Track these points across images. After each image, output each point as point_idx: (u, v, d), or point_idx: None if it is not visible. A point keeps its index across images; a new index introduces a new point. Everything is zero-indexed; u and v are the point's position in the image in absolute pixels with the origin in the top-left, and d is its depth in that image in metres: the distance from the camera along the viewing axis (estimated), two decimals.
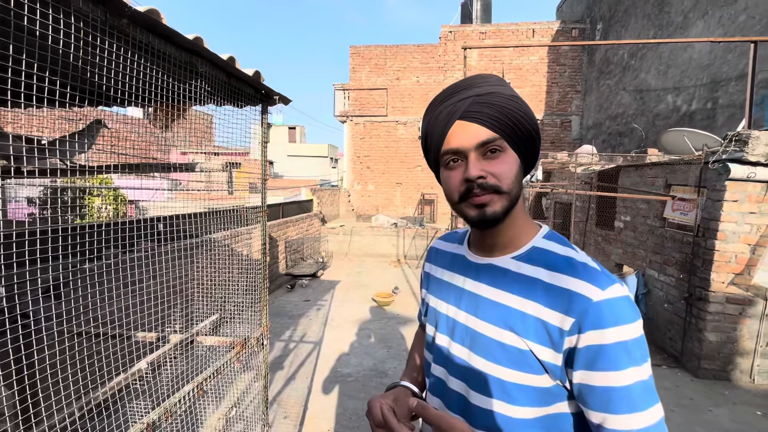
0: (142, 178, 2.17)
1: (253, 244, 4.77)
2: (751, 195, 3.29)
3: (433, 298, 0.79)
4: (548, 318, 0.60)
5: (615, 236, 5.26)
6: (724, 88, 5.98)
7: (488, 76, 0.66)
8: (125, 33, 1.01)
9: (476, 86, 0.64)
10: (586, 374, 0.57)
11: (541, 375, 0.61)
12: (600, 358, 0.56)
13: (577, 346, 0.57)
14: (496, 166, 0.62)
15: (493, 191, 0.62)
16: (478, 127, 0.62)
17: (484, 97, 0.62)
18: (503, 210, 0.63)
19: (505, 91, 0.64)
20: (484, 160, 0.62)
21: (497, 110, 0.62)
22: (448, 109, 0.64)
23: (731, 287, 3.38)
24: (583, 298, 0.58)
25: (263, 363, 1.85)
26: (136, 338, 1.57)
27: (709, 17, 6.30)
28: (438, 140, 0.66)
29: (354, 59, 11.98)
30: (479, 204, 0.63)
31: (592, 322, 0.56)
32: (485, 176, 0.61)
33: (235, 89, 1.62)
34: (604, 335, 0.56)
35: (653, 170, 4.48)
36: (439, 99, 0.67)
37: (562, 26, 11.13)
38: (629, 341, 0.56)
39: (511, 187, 0.63)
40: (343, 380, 3.43)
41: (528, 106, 0.66)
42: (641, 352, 0.56)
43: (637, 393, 0.55)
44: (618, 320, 0.56)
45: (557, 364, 0.60)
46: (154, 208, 6.50)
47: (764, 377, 3.40)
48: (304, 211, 9.15)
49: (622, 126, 9.06)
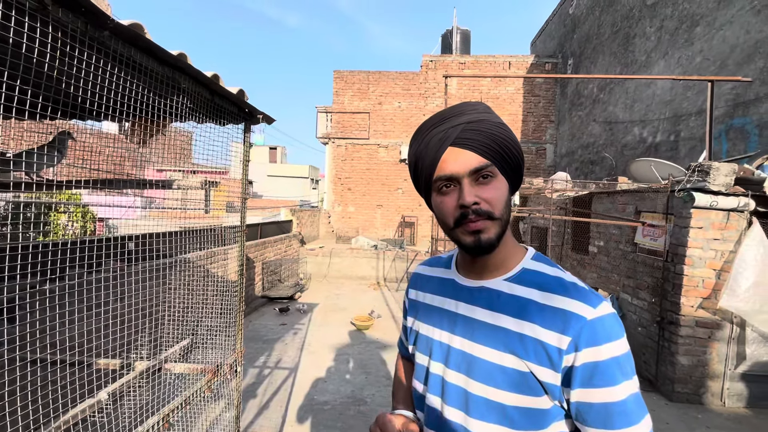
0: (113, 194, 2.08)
1: (229, 265, 4.62)
2: (714, 222, 3.46)
3: (424, 326, 0.77)
4: (546, 338, 0.61)
5: (590, 260, 5.40)
6: (685, 122, 6.39)
7: (476, 103, 0.68)
8: (106, 45, 0.98)
9: (466, 113, 0.65)
10: (584, 392, 0.58)
11: (541, 396, 0.61)
12: (596, 374, 0.58)
13: (575, 365, 0.59)
14: (488, 192, 0.63)
15: (487, 217, 0.63)
16: (470, 153, 0.63)
17: (474, 125, 0.64)
18: (497, 236, 0.64)
19: (492, 118, 0.66)
20: (477, 186, 0.63)
21: (487, 137, 0.63)
22: (440, 136, 0.65)
23: (700, 311, 3.49)
24: (577, 317, 0.59)
25: (236, 391, 1.75)
26: (97, 366, 1.46)
27: (669, 57, 6.81)
28: (429, 166, 0.66)
29: (337, 83, 12.19)
30: (474, 230, 0.63)
31: (587, 339, 0.58)
32: (479, 202, 0.62)
33: (218, 107, 1.60)
34: (599, 352, 0.58)
35: (624, 197, 4.67)
36: (429, 125, 0.67)
37: (536, 60, 11.75)
38: (620, 356, 0.58)
39: (503, 213, 0.64)
40: (320, 408, 3.29)
41: (513, 133, 0.68)
42: (630, 366, 0.60)
43: (631, 406, 0.58)
44: (610, 336, 0.59)
45: (556, 384, 0.60)
46: (125, 226, 6.24)
47: (734, 400, 3.48)
48: (283, 232, 8.99)
49: (593, 155, 9.49)
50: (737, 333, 3.44)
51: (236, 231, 1.81)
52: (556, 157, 11.80)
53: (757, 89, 5.06)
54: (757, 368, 3.41)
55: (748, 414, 3.37)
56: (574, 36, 10.70)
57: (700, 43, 6.07)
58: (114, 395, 1.33)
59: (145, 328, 1.70)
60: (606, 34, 8.98)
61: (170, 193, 2.11)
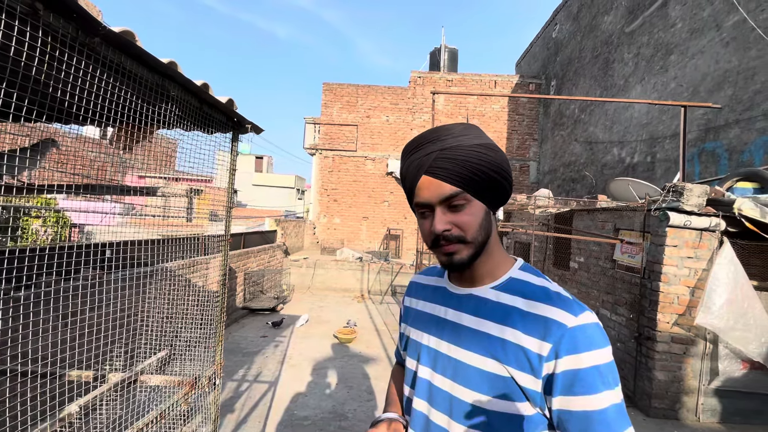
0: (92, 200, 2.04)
1: (210, 275, 4.52)
2: (688, 241, 3.59)
3: (415, 331, 0.80)
4: (527, 344, 0.62)
5: (570, 276, 5.50)
6: (660, 144, 6.67)
7: (453, 126, 0.69)
8: (96, 51, 0.98)
9: (440, 139, 0.67)
10: (565, 400, 0.59)
11: (523, 402, 0.62)
12: (577, 382, 0.58)
13: (555, 372, 0.59)
14: (460, 218, 0.66)
15: (458, 241, 0.66)
16: (441, 183, 0.65)
17: (447, 152, 0.65)
18: (469, 257, 0.67)
19: (468, 141, 0.66)
20: (450, 212, 0.66)
21: (460, 165, 0.65)
22: (416, 163, 0.68)
23: (675, 327, 3.59)
24: (559, 324, 0.61)
25: (213, 405, 1.70)
26: (69, 377, 1.40)
27: (645, 82, 7.13)
28: (410, 191, 0.70)
29: (326, 95, 12.28)
30: (447, 253, 0.67)
31: (568, 347, 0.59)
32: (450, 228, 0.66)
33: (207, 115, 1.60)
34: (579, 360, 0.58)
35: (603, 215, 4.81)
36: (409, 149, 0.71)
37: (520, 80, 12.12)
38: (602, 365, 0.59)
39: (476, 236, 0.67)
40: (299, 424, 3.21)
41: (494, 149, 0.68)
42: (613, 376, 0.60)
43: (612, 416, 0.57)
44: (591, 345, 0.59)
45: (537, 390, 0.61)
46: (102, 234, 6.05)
47: (708, 415, 3.55)
48: (266, 242, 8.88)
49: (574, 173, 9.77)
50: (711, 349, 3.54)
51: (220, 240, 1.78)
52: (539, 174, 12.09)
53: (726, 115, 5.33)
54: (730, 384, 3.50)
55: (721, 429, 3.44)
56: (557, 59, 11.11)
57: (674, 70, 6.39)
58: (85, 408, 1.28)
59: (120, 338, 1.65)
60: (587, 58, 9.36)
61: (151, 200, 2.07)
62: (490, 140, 0.69)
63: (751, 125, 4.95)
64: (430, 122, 11.58)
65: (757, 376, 3.46)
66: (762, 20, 4.86)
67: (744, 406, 3.52)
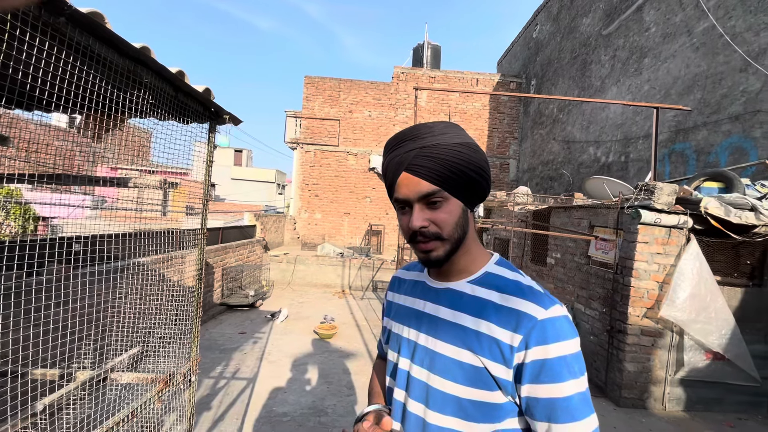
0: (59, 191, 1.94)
1: (186, 270, 4.41)
2: (658, 238, 3.73)
3: (396, 324, 0.83)
4: (499, 336, 0.65)
5: (547, 272, 5.64)
6: (634, 144, 6.90)
7: (433, 124, 0.70)
8: (61, 33, 0.92)
9: (421, 137, 0.68)
10: (533, 387, 0.62)
11: (495, 391, 0.65)
12: (544, 371, 0.61)
13: (525, 362, 0.62)
14: (438, 215, 0.67)
15: (435, 238, 0.68)
16: (419, 180, 0.66)
17: (427, 150, 0.67)
18: (446, 254, 0.69)
19: (447, 140, 0.68)
20: (428, 209, 0.68)
21: (439, 163, 0.66)
22: (396, 160, 0.69)
23: (645, 320, 3.74)
24: (529, 317, 0.63)
25: (189, 402, 1.66)
26: (33, 376, 1.33)
27: (620, 84, 7.35)
28: (390, 187, 0.72)
29: (308, 89, 12.11)
30: (424, 249, 0.69)
31: (537, 338, 0.62)
32: (427, 225, 0.67)
33: (183, 104, 1.55)
34: (547, 350, 0.61)
35: (579, 212, 4.95)
36: (390, 146, 0.72)
37: (501, 78, 12.28)
38: (568, 356, 0.62)
39: (452, 233, 0.68)
40: (278, 420, 3.18)
41: (473, 148, 0.69)
42: (579, 366, 0.63)
43: (576, 403, 0.61)
44: (559, 336, 0.62)
45: (508, 379, 0.64)
46: (72, 227, 5.80)
47: (674, 404, 3.73)
48: (245, 237, 8.72)
49: (552, 171, 10.00)
50: (677, 341, 3.71)
51: (196, 234, 1.73)
52: (518, 172, 12.32)
53: (695, 118, 5.56)
54: (693, 374, 3.68)
55: (685, 417, 3.62)
56: (537, 59, 11.30)
57: (648, 72, 6.61)
58: (51, 407, 1.22)
59: (89, 335, 1.58)
60: (566, 59, 9.57)
61: (124, 192, 1.99)
62: (470, 139, 0.71)
63: (718, 128, 5.18)
64: (412, 118, 11.60)
65: (719, 366, 3.65)
66: (729, 27, 5.08)
67: (706, 394, 3.71)
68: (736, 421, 3.56)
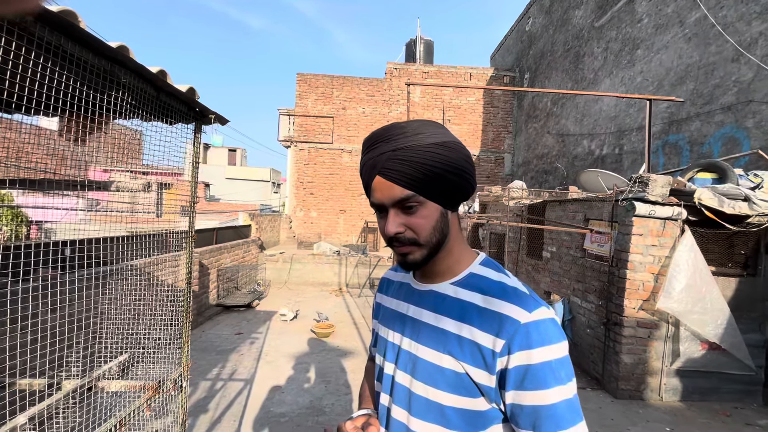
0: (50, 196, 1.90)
1: (179, 272, 4.35)
2: (652, 230, 3.74)
3: (383, 328, 0.81)
4: (481, 341, 0.62)
5: (543, 266, 5.65)
6: (627, 136, 6.90)
7: (407, 124, 0.66)
8: (29, 32, 0.89)
9: (393, 139, 0.64)
10: (517, 394, 0.60)
11: (477, 398, 0.63)
12: (527, 377, 0.58)
13: (508, 367, 0.60)
14: (413, 221, 0.65)
15: (411, 243, 0.66)
16: (392, 185, 0.63)
17: (400, 153, 0.63)
18: (423, 258, 0.67)
19: (421, 141, 0.63)
20: (403, 214, 0.65)
21: (412, 167, 0.62)
22: (370, 163, 0.66)
23: (641, 312, 3.75)
24: (512, 320, 0.61)
25: (181, 408, 1.64)
26: (18, 387, 1.30)
27: (613, 76, 7.34)
28: (366, 189, 0.69)
29: (301, 86, 12.02)
30: (401, 253, 0.68)
31: (520, 343, 0.59)
32: (402, 231, 0.65)
33: (166, 105, 1.51)
34: (531, 355, 0.59)
35: (574, 205, 4.94)
36: (365, 146, 0.68)
37: (495, 73, 12.24)
38: (553, 361, 0.59)
39: (429, 238, 0.66)
40: (276, 421, 3.17)
41: (451, 148, 0.65)
42: (566, 372, 0.60)
43: (562, 411, 0.58)
44: (543, 341, 0.59)
45: (491, 386, 0.61)
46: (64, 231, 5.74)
47: (670, 394, 3.75)
48: (240, 237, 8.67)
49: (547, 165, 10.00)
50: (673, 332, 3.72)
51: (184, 236, 1.70)
52: (513, 166, 12.32)
53: (688, 109, 5.56)
54: (689, 364, 3.70)
55: (682, 407, 3.64)
56: (530, 52, 11.27)
57: (641, 64, 6.60)
58: (36, 419, 1.19)
59: (77, 342, 1.55)
60: (559, 51, 9.54)
61: (117, 195, 1.95)
62: (449, 137, 0.66)
63: (711, 118, 5.18)
64: (406, 114, 11.56)
65: (714, 356, 3.67)
66: (721, 17, 5.07)
67: (702, 384, 3.73)
68: (732, 409, 3.59)
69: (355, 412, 0.82)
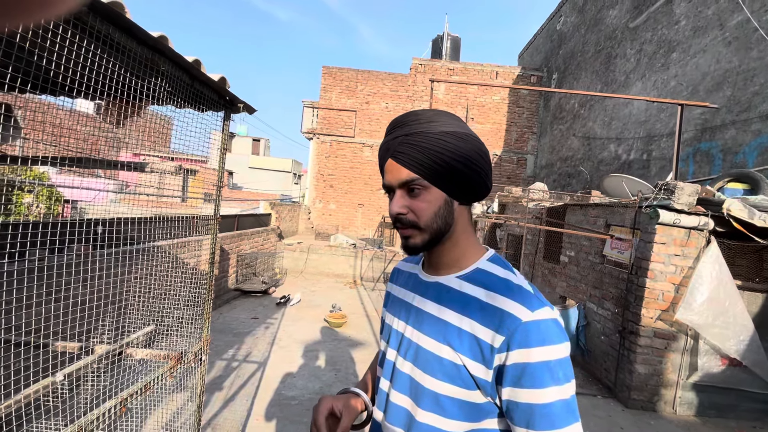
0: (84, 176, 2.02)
1: (201, 255, 4.52)
2: (676, 239, 3.64)
3: (389, 315, 0.84)
4: (481, 335, 0.64)
5: (560, 270, 5.57)
6: (657, 142, 6.69)
7: (422, 112, 0.69)
8: (83, 21, 0.96)
9: (408, 124, 0.68)
10: (513, 391, 0.61)
11: (473, 390, 0.64)
12: (525, 375, 0.59)
13: (506, 364, 0.61)
14: (416, 204, 0.68)
15: (412, 226, 0.68)
16: (400, 167, 0.67)
17: (411, 137, 0.67)
18: (423, 243, 0.69)
19: (433, 128, 0.66)
20: (408, 196, 0.68)
21: (420, 151, 0.66)
22: (385, 146, 0.70)
23: (659, 322, 3.66)
24: (513, 317, 0.61)
25: (200, 380, 1.73)
26: (55, 348, 1.42)
27: (646, 80, 7.10)
28: (381, 172, 0.73)
29: (326, 79, 12.12)
30: (403, 236, 0.70)
31: (519, 341, 0.60)
32: (405, 213, 0.68)
33: (198, 93, 1.59)
34: (529, 354, 0.59)
35: (595, 210, 4.85)
36: (387, 131, 0.73)
37: (522, 72, 12.02)
38: (552, 361, 0.59)
39: (429, 223, 0.68)
40: (287, 404, 3.27)
41: (462, 138, 0.67)
42: (564, 373, 0.60)
43: (557, 411, 0.58)
44: (543, 341, 0.60)
45: (488, 380, 0.63)
46: (95, 211, 6.03)
47: (685, 408, 3.66)
48: (261, 225, 8.87)
49: (570, 168, 9.78)
50: (691, 345, 3.63)
51: (209, 220, 1.79)
52: (536, 168, 12.10)
53: (723, 116, 5.34)
54: (707, 379, 3.60)
55: (696, 422, 3.55)
56: (559, 52, 11.01)
57: (675, 68, 6.37)
58: (70, 378, 1.30)
59: (108, 312, 1.66)
60: (590, 52, 9.29)
61: (145, 178, 2.06)
62: (463, 129, 0.68)
63: (747, 127, 4.97)
64: None
65: (735, 372, 3.56)
66: (765, 21, 4.83)
67: (720, 400, 3.62)
68: (750, 429, 3.48)
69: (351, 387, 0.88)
